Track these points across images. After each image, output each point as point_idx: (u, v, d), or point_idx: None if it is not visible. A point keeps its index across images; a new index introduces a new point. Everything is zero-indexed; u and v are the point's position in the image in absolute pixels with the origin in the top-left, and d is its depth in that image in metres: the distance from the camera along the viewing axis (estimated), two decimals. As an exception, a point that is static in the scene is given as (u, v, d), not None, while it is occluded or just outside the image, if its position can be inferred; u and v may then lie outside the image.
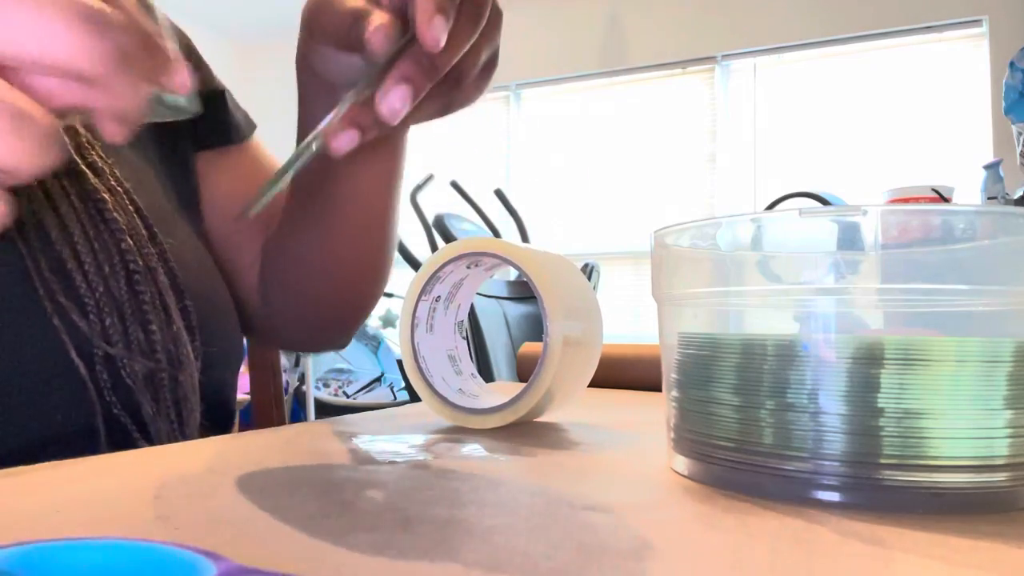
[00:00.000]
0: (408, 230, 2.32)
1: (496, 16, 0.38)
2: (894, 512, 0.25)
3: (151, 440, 0.41)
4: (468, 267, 0.45)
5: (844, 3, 3.26)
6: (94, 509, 0.24)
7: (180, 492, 0.27)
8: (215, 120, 0.57)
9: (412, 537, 0.22)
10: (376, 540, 0.22)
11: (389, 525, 0.24)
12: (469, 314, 0.49)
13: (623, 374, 0.68)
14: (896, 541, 0.22)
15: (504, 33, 0.39)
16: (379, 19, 0.34)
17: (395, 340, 3.32)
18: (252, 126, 0.61)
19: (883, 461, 0.25)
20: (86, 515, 0.24)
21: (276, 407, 0.97)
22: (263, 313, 0.59)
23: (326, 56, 0.41)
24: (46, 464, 0.31)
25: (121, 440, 0.40)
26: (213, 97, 0.57)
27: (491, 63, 0.39)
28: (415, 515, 0.25)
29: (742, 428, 0.28)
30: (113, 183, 0.44)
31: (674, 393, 0.32)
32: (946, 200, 1.59)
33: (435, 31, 0.32)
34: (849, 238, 0.27)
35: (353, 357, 3.33)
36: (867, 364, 0.26)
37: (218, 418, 0.49)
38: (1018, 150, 2.00)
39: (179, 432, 0.43)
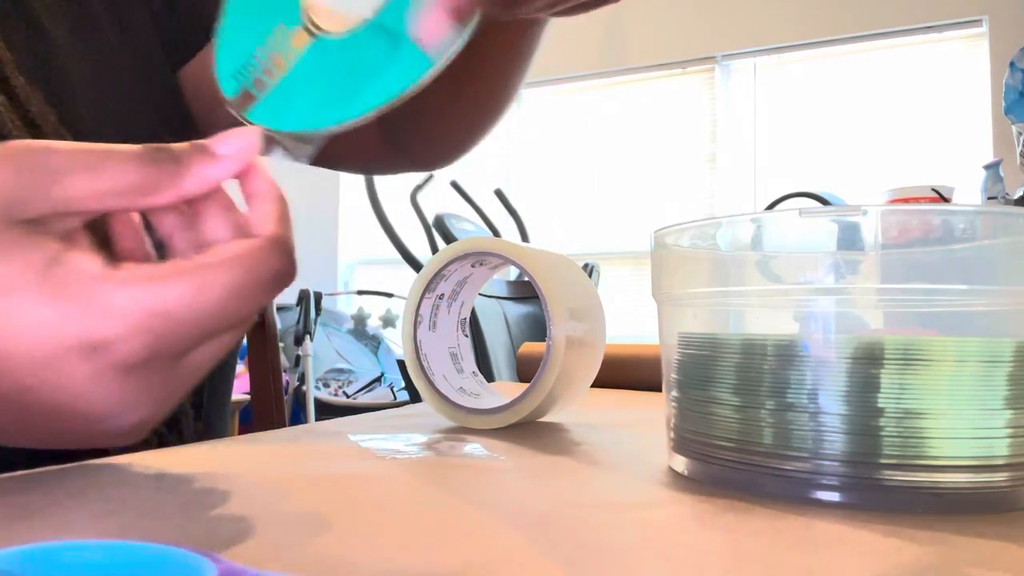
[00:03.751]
0: (408, 230, 2.33)
1: None
2: (894, 512, 0.25)
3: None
4: (472, 266, 0.45)
5: (844, 3, 3.26)
6: (94, 509, 0.24)
7: (180, 492, 0.27)
8: (200, 20, 0.54)
9: (412, 536, 0.22)
10: (376, 539, 0.22)
11: (389, 524, 0.24)
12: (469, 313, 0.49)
13: (623, 374, 0.68)
14: (896, 541, 0.22)
15: None
16: None
17: (395, 340, 3.31)
18: None
19: (883, 461, 0.25)
20: (86, 515, 0.24)
21: (276, 407, 0.97)
22: (387, 153, 0.58)
23: None
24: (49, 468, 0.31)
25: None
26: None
27: None
28: (415, 513, 0.25)
29: (742, 428, 0.28)
30: None
31: (674, 393, 0.32)
32: (946, 200, 1.59)
33: None
34: (849, 238, 0.27)
35: (353, 357, 3.32)
36: (867, 364, 0.26)
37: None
38: (1018, 150, 2.00)
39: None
